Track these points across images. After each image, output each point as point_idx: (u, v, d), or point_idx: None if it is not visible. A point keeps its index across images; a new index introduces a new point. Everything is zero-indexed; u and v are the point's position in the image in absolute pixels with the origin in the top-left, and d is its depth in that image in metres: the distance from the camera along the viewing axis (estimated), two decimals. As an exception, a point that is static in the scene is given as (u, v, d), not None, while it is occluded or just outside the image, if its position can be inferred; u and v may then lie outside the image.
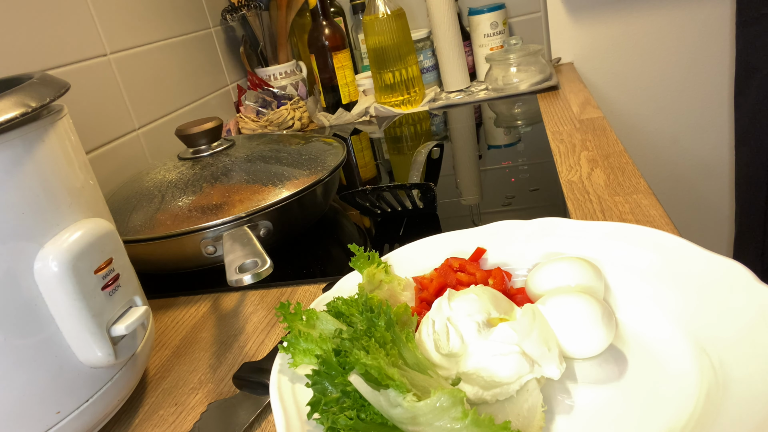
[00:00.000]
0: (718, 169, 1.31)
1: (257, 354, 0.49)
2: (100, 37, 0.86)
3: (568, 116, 0.91)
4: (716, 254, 0.39)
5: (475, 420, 0.30)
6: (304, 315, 0.39)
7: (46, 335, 0.36)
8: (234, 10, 1.21)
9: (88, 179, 0.41)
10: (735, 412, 0.29)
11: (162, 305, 0.61)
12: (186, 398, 0.45)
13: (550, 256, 0.46)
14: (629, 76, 1.27)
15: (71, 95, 0.79)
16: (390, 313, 0.36)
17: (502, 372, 0.34)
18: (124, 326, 0.39)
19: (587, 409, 0.34)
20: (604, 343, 0.36)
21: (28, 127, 0.36)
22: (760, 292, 0.35)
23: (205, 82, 1.15)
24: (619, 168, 0.67)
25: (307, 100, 1.26)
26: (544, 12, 1.26)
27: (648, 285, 0.41)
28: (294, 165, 0.67)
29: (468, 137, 0.94)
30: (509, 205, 0.65)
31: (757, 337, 0.33)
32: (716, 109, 1.26)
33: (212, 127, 0.69)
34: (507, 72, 1.11)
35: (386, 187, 0.62)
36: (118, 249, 0.41)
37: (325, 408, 0.32)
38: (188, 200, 0.62)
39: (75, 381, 0.37)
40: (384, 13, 1.08)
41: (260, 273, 0.42)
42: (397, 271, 0.48)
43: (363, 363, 0.31)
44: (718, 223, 1.35)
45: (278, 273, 0.61)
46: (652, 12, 1.21)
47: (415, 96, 1.14)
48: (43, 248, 0.35)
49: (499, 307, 0.39)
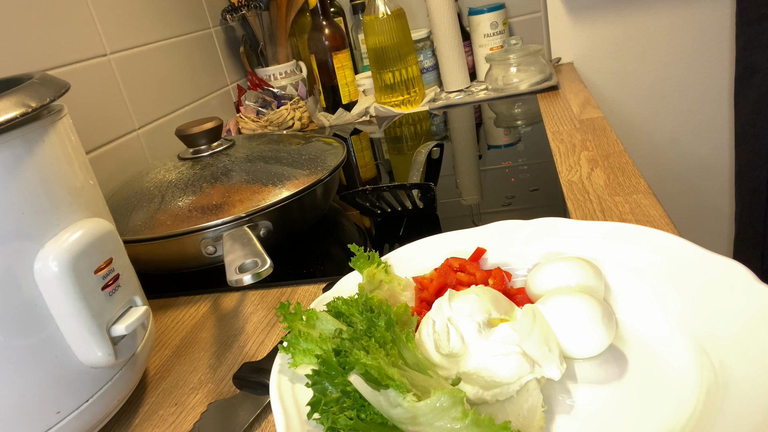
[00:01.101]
0: (718, 169, 1.31)
1: (257, 354, 0.49)
2: (100, 37, 0.86)
3: (568, 116, 0.91)
4: (716, 254, 0.39)
5: (475, 420, 0.30)
6: (304, 315, 0.39)
7: (46, 335, 0.36)
8: (234, 10, 1.21)
9: (88, 179, 0.41)
10: (735, 412, 0.29)
11: (162, 305, 0.61)
12: (186, 398, 0.45)
13: (550, 256, 0.46)
14: (629, 76, 1.27)
15: (71, 95, 0.79)
16: (390, 313, 0.36)
17: (503, 372, 0.34)
18: (124, 326, 0.39)
19: (587, 409, 0.34)
20: (605, 343, 0.36)
21: (28, 127, 0.36)
22: (759, 292, 0.35)
23: (205, 82, 1.15)
24: (619, 168, 0.67)
25: (307, 100, 1.26)
26: (544, 12, 1.26)
27: (648, 285, 0.41)
28: (294, 165, 0.67)
29: (468, 137, 0.94)
30: (509, 205, 0.65)
31: (757, 337, 0.33)
32: (716, 109, 1.26)
33: (212, 127, 0.69)
34: (507, 72, 1.11)
35: (386, 187, 0.62)
36: (118, 249, 0.41)
37: (325, 408, 0.32)
38: (188, 200, 0.62)
39: (75, 381, 0.37)
40: (384, 13, 1.08)
41: (260, 273, 0.42)
42: (397, 271, 0.48)
43: (363, 363, 0.31)
44: (718, 223, 1.35)
45: (278, 273, 0.61)
46: (652, 12, 1.21)
47: (415, 96, 1.14)
48: (43, 248, 0.35)
49: (499, 307, 0.39)
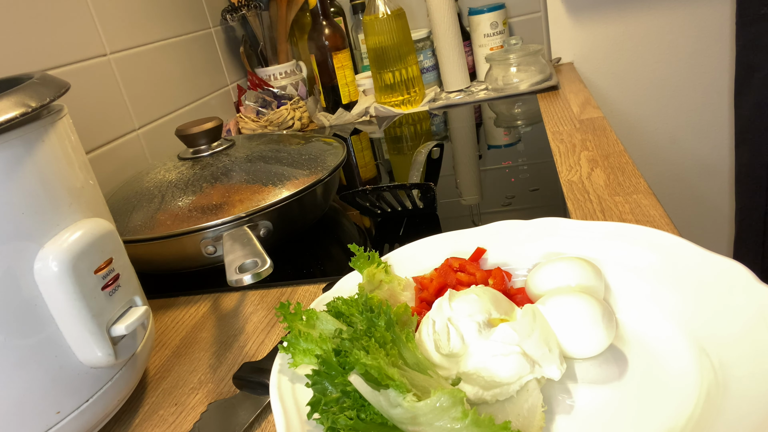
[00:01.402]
0: (718, 169, 1.31)
1: (257, 354, 0.49)
2: (100, 37, 0.86)
3: (568, 116, 0.91)
4: (716, 254, 0.39)
5: (475, 420, 0.30)
6: (304, 315, 0.39)
7: (46, 335, 0.36)
8: (234, 10, 1.21)
9: (88, 179, 0.41)
10: (735, 412, 0.29)
11: (162, 305, 0.61)
12: (186, 398, 0.45)
13: (550, 256, 0.46)
14: (629, 76, 1.27)
15: (71, 95, 0.79)
16: (390, 313, 0.36)
17: (503, 372, 0.34)
18: (124, 326, 0.39)
19: (587, 409, 0.34)
20: (605, 343, 0.36)
21: (28, 127, 0.36)
22: (759, 291, 0.35)
23: (205, 82, 1.15)
24: (619, 168, 0.67)
25: (307, 100, 1.26)
26: (544, 12, 1.26)
27: (648, 285, 0.41)
28: (294, 165, 0.67)
29: (468, 137, 0.94)
30: (509, 205, 0.65)
31: (757, 336, 0.33)
32: (716, 109, 1.26)
33: (212, 127, 0.69)
34: (507, 72, 1.11)
35: (386, 187, 0.62)
36: (118, 249, 0.41)
37: (325, 408, 0.32)
38: (188, 200, 0.62)
39: (75, 381, 0.37)
40: (384, 13, 1.08)
41: (260, 273, 0.42)
42: (397, 271, 0.48)
43: (363, 363, 0.31)
44: (718, 223, 1.35)
45: (278, 273, 0.61)
46: (652, 12, 1.21)
47: (415, 96, 1.14)
48: (43, 248, 0.35)
49: (499, 307, 0.39)
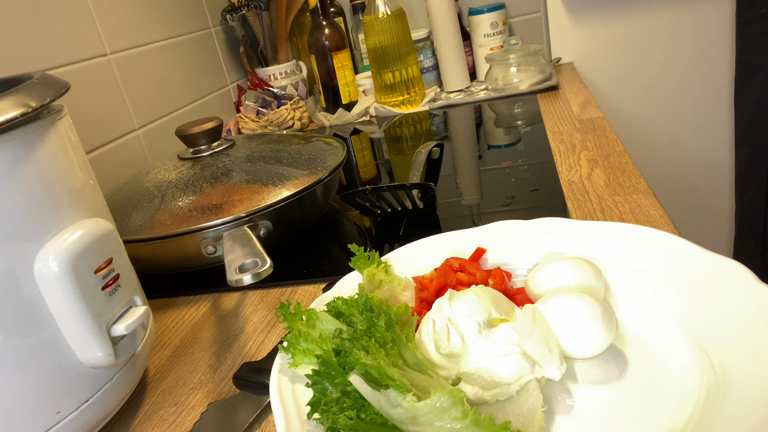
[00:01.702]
0: (718, 169, 1.31)
1: (257, 354, 0.49)
2: (100, 37, 0.86)
3: (568, 116, 0.91)
4: (716, 254, 0.39)
5: (475, 420, 0.30)
6: (304, 315, 0.39)
7: (46, 335, 0.36)
8: (234, 10, 1.21)
9: (88, 179, 0.41)
10: (735, 412, 0.29)
11: (162, 305, 0.61)
12: (186, 398, 0.45)
13: (550, 256, 0.46)
14: (629, 76, 1.27)
15: (71, 95, 0.79)
16: (390, 313, 0.36)
17: (503, 372, 0.34)
18: (124, 326, 0.39)
19: (587, 409, 0.34)
20: (605, 343, 0.36)
21: (28, 127, 0.36)
22: (759, 291, 0.35)
23: (205, 82, 1.15)
24: (619, 168, 0.67)
25: (307, 100, 1.26)
26: (544, 12, 1.26)
27: (648, 285, 0.41)
28: (294, 165, 0.67)
29: (468, 137, 0.94)
30: (509, 205, 0.65)
31: (757, 337, 0.33)
32: (716, 109, 1.26)
33: (212, 127, 0.69)
34: (507, 72, 1.11)
35: (386, 187, 0.62)
36: (118, 249, 0.41)
37: (325, 408, 0.32)
38: (188, 200, 0.62)
39: (75, 381, 0.37)
40: (384, 13, 1.08)
41: (260, 273, 0.42)
42: (397, 271, 0.48)
43: (363, 363, 0.31)
44: (718, 223, 1.35)
45: (278, 273, 0.61)
46: (652, 12, 1.21)
47: (415, 96, 1.14)
48: (43, 248, 0.35)
49: (499, 307, 0.39)
